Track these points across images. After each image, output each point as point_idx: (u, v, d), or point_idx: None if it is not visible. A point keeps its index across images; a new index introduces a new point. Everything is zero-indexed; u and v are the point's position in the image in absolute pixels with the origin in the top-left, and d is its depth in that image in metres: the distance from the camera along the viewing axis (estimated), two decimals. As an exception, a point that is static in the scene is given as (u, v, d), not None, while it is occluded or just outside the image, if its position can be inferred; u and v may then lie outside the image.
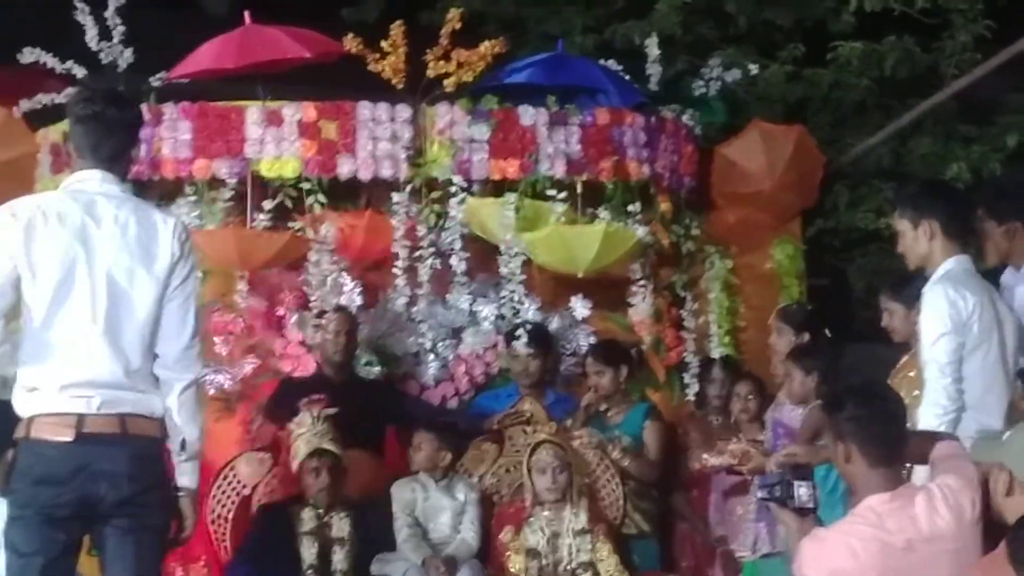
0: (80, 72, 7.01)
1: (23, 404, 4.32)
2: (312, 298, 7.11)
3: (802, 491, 4.23)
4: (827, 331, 6.81)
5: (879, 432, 4.01)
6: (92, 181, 4.41)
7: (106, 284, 4.30)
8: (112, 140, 4.42)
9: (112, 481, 4.27)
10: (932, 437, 4.35)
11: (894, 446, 4.04)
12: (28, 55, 7.05)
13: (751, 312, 7.86)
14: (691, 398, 7.63)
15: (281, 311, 7.23)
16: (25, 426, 4.30)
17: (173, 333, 4.39)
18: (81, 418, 4.27)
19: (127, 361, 4.31)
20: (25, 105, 7.20)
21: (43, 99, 7.09)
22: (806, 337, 6.65)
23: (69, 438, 4.25)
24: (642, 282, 7.59)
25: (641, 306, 7.62)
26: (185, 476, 4.45)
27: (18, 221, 4.30)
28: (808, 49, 9.25)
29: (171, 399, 4.39)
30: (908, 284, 5.62)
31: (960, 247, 5.23)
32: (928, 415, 4.92)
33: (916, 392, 5.08)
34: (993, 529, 3.97)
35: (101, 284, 4.30)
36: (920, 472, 4.49)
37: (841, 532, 3.99)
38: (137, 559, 4.33)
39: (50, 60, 7.04)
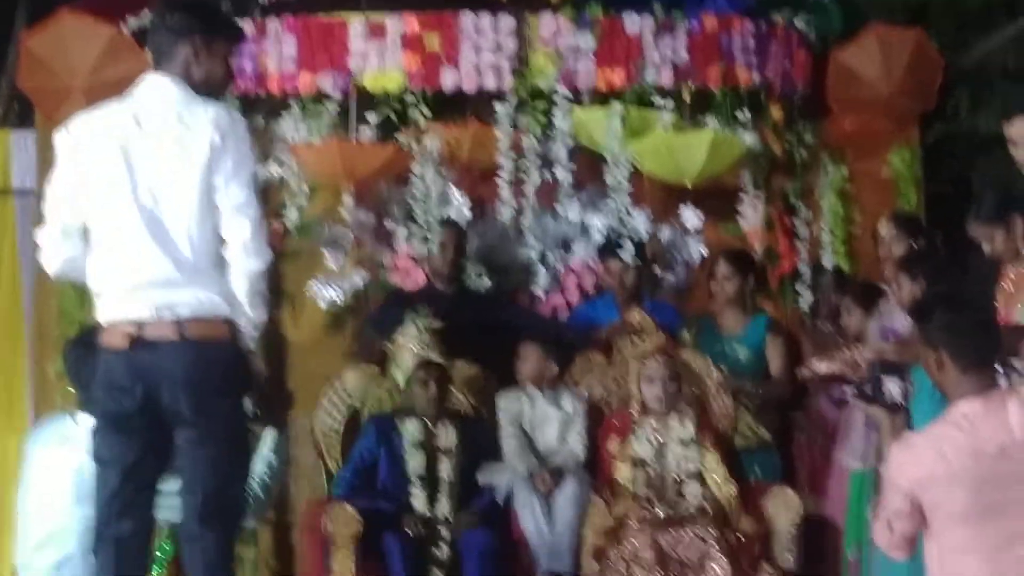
0: (187, -12, 7.04)
1: (97, 313, 4.41)
2: (419, 211, 7.11)
3: (892, 387, 4.17)
4: (939, 239, 6.63)
5: (969, 338, 3.92)
6: (148, 85, 4.47)
7: (148, 182, 4.32)
8: (172, 46, 4.46)
9: (171, 386, 4.30)
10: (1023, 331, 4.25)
11: (985, 351, 3.94)
12: (138, -28, 7.11)
13: (866, 220, 7.66)
14: (805, 308, 7.53)
15: (389, 224, 7.25)
16: (98, 335, 4.40)
17: (233, 215, 4.35)
18: (139, 325, 4.31)
19: (176, 255, 4.31)
20: (133, 23, 7.26)
21: (150, 16, 7.13)
22: (920, 244, 6.50)
23: (127, 345, 4.30)
24: (753, 191, 7.48)
25: (752, 215, 7.52)
26: (248, 341, 4.45)
27: (71, 138, 4.42)
28: (929, -51, 8.98)
29: (239, 283, 4.36)
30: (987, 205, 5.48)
31: None
32: None
33: None
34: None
35: (144, 183, 4.32)
36: None
37: (932, 438, 3.91)
38: (212, 472, 4.37)
39: (157, -23, 7.09)
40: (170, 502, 4.60)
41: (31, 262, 7.57)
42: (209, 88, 4.49)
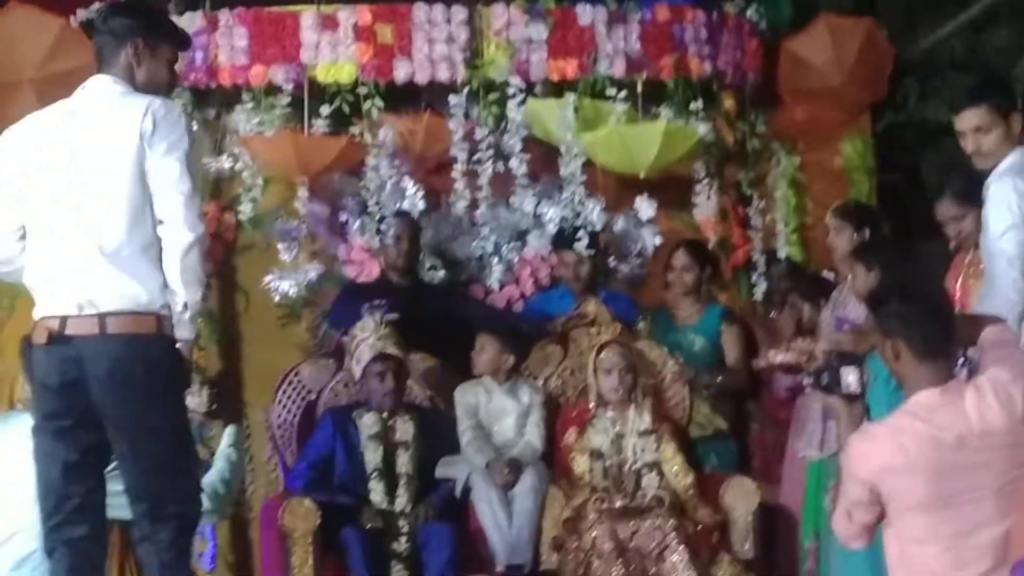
0: (136, -19, 6.99)
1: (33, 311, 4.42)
2: (373, 203, 7.09)
3: (850, 377, 4.16)
4: (886, 228, 6.68)
5: (925, 327, 3.93)
6: (90, 84, 4.48)
7: (80, 176, 4.33)
8: (114, 49, 4.47)
9: (97, 385, 4.28)
10: (979, 320, 4.27)
11: (942, 340, 3.96)
12: (84, -35, 7.04)
13: (819, 209, 7.67)
14: (759, 298, 7.57)
15: (343, 217, 7.22)
16: None
17: (166, 191, 4.32)
18: (62, 320, 4.30)
19: (104, 246, 4.30)
20: (82, 15, 7.19)
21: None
22: (866, 234, 6.54)
23: (46, 341, 4.29)
24: (707, 181, 7.51)
25: (706, 205, 7.55)
26: (184, 329, 4.38)
27: (10, 141, 4.46)
28: (878, -62, 9.03)
29: (174, 262, 4.32)
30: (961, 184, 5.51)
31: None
32: (996, 309, 4.83)
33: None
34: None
35: (75, 177, 4.33)
36: None
37: (890, 428, 3.93)
38: (156, 475, 4.36)
39: (106, -30, 7.03)
40: (119, 500, 4.59)
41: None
42: (152, 91, 4.47)
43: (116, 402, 4.28)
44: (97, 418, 4.32)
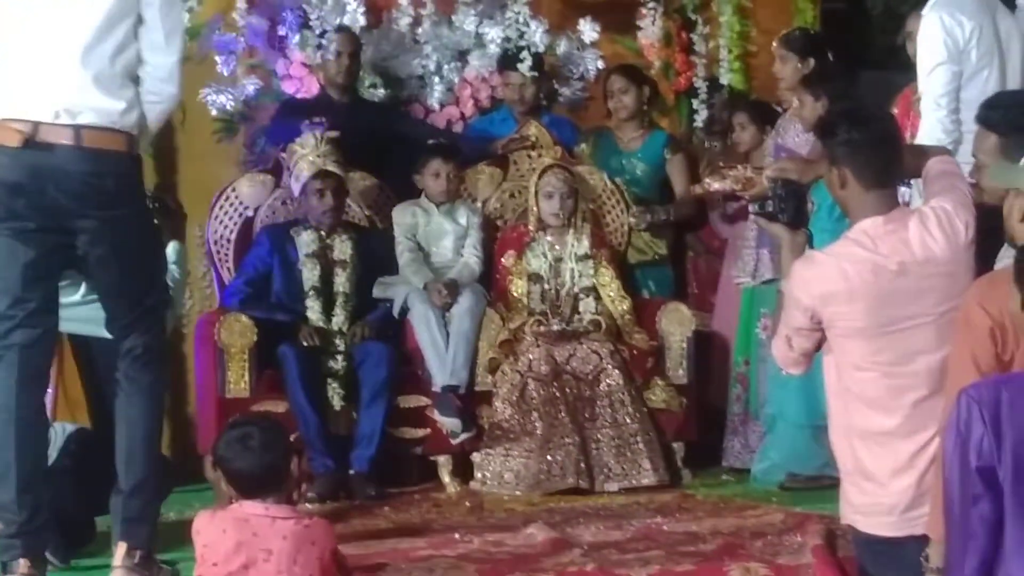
0: None
1: None
2: (313, 17, 6.94)
3: (793, 205, 4.15)
4: (831, 56, 6.63)
5: (872, 155, 3.92)
6: None
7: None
8: None
9: (67, 194, 4.26)
10: (924, 151, 4.27)
11: (888, 168, 3.95)
12: None
13: (763, 37, 7.60)
14: (699, 124, 7.55)
15: (283, 31, 7.07)
16: None
17: (160, 45, 4.36)
18: (35, 126, 4.25)
19: (84, 55, 4.25)
20: None
21: None
22: (811, 63, 6.49)
23: (17, 144, 4.24)
24: (652, 4, 7.43)
25: (650, 29, 7.47)
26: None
27: None
28: None
29: (149, 105, 4.39)
30: None
31: None
32: None
33: None
34: (986, 251, 3.95)
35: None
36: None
37: (833, 255, 3.94)
38: (130, 286, 4.39)
39: None
40: (71, 313, 4.55)
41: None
42: None
43: (87, 213, 4.28)
44: (61, 223, 4.30)
